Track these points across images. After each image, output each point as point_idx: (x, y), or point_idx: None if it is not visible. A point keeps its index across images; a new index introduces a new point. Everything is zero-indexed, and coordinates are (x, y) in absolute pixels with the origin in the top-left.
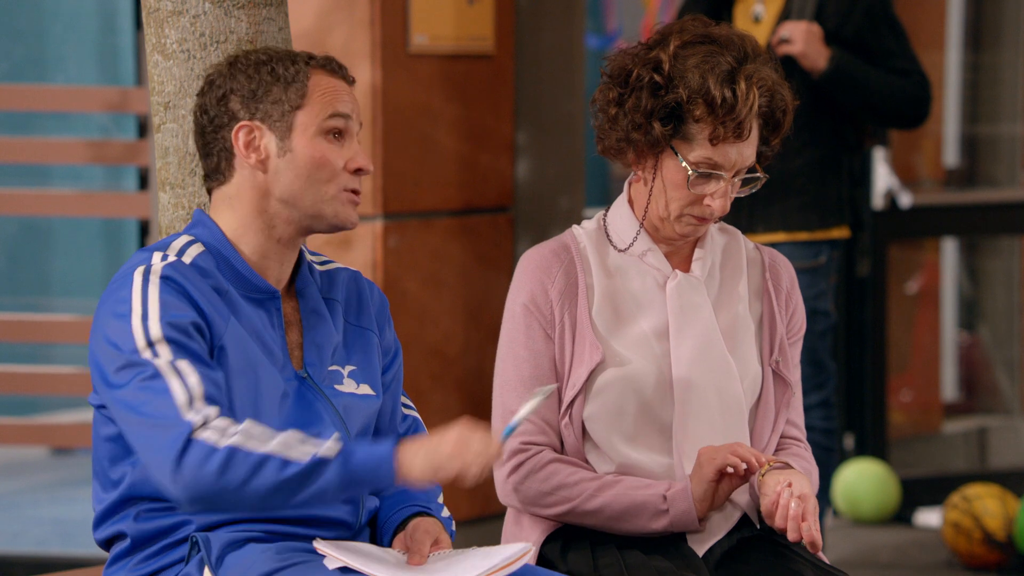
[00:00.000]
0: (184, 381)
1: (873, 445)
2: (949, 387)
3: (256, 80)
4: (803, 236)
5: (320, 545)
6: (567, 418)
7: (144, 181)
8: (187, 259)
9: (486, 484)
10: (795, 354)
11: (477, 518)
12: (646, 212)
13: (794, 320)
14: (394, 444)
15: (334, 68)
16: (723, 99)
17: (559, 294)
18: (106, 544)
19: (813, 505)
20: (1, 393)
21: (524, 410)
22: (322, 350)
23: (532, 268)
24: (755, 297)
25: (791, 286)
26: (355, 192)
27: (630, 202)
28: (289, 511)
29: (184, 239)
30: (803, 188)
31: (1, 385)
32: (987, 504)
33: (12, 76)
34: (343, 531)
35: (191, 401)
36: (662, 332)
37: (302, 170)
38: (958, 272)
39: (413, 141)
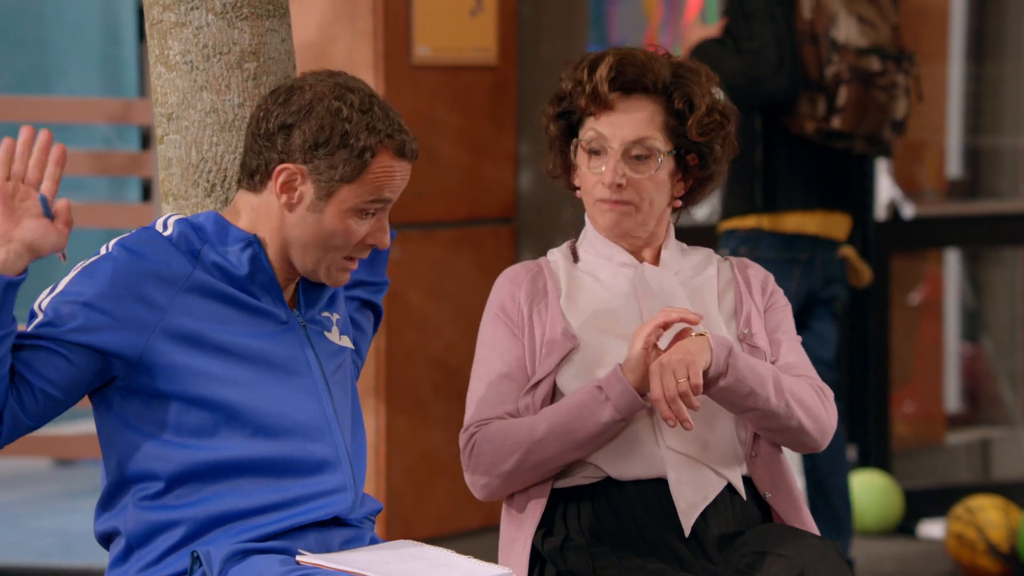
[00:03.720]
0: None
1: (876, 456)
2: (952, 398)
3: (327, 135)
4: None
5: (304, 558)
6: (530, 396)
7: (147, 193)
8: (164, 229)
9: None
10: (781, 321)
11: (479, 529)
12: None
13: (774, 298)
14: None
15: (406, 152)
16: (586, 78)
17: (527, 296)
18: (104, 540)
19: (682, 371)
20: None
21: None
22: (316, 292)
23: (503, 282)
24: (727, 287)
25: (766, 277)
26: (353, 260)
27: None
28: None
29: (167, 215)
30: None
31: None
32: (990, 515)
33: (15, 87)
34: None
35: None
36: (636, 318)
37: (319, 234)
38: (961, 283)
39: None
